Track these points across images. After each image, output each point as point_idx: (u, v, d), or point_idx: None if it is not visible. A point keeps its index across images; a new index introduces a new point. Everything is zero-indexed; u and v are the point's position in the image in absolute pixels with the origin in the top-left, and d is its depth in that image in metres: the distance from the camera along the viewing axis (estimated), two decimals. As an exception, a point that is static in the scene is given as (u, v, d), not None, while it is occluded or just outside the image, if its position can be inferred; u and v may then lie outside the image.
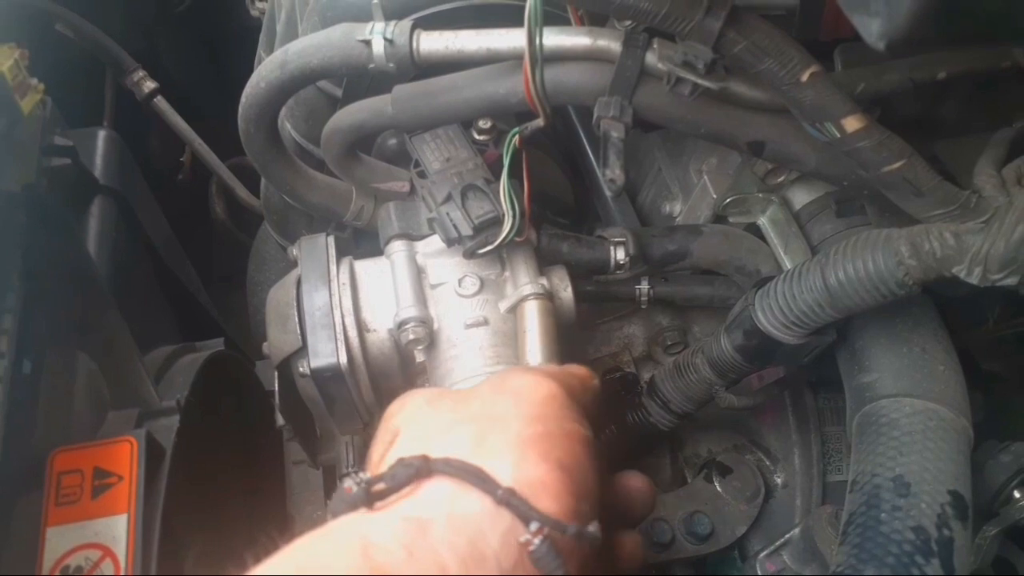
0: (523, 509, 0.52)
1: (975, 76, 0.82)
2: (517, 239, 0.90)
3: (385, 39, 0.84)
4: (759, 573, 1.03)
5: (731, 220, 1.05)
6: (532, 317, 0.89)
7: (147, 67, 1.85)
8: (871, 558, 0.70)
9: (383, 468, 0.56)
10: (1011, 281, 0.71)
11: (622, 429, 1.05)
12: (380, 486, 0.54)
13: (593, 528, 0.55)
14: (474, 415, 0.60)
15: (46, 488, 0.90)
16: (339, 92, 1.10)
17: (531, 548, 0.51)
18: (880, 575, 0.68)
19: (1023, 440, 0.91)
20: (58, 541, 0.87)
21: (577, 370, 0.69)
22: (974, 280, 0.72)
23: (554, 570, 0.51)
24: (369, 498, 0.54)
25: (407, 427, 0.61)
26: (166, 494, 0.91)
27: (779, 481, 1.11)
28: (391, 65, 0.85)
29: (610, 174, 0.78)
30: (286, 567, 0.50)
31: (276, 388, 0.91)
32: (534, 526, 0.52)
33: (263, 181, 1.34)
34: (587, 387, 0.67)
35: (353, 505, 0.54)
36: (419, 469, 0.54)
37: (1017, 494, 0.88)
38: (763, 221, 1.03)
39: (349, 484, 0.55)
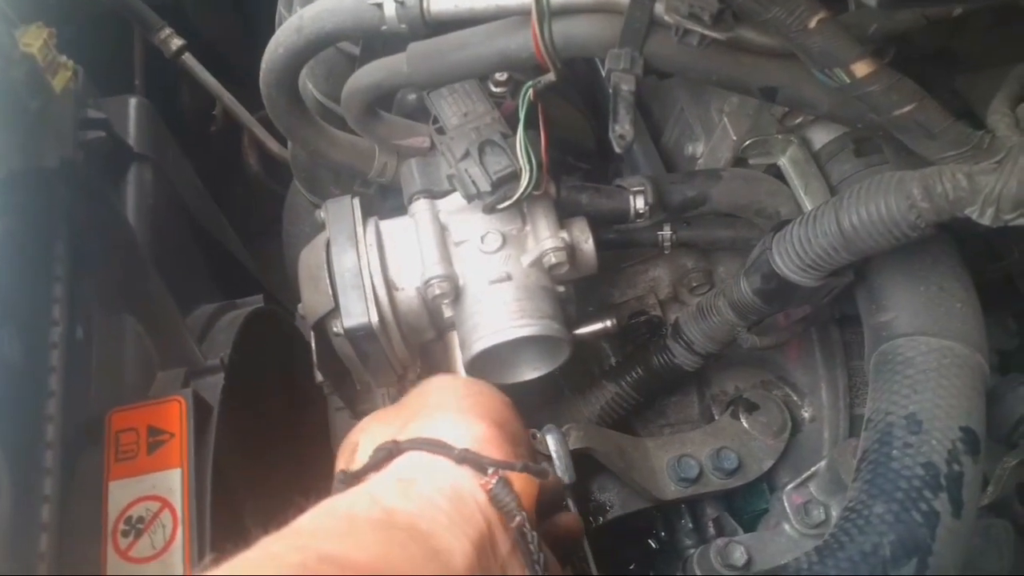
0: (478, 460, 0.64)
1: (991, 10, 0.80)
2: (536, 192, 0.92)
3: (396, 1, 0.84)
4: (785, 504, 1.06)
5: (751, 162, 1.05)
6: None
7: (174, 24, 1.87)
8: (880, 493, 0.73)
9: (336, 483, 0.67)
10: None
11: (648, 371, 1.07)
12: (361, 472, 0.66)
13: (534, 465, 0.67)
14: (416, 410, 0.72)
15: (106, 445, 0.97)
16: (356, 51, 1.11)
17: (489, 487, 0.63)
18: (888, 510, 0.70)
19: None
20: (120, 493, 0.94)
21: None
22: (987, 221, 0.73)
23: (510, 503, 0.63)
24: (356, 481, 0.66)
25: (364, 437, 0.73)
26: (215, 447, 0.97)
27: (806, 415, 1.13)
28: (403, 26, 0.86)
29: (619, 129, 0.79)
30: (311, 519, 0.59)
31: (312, 347, 0.95)
32: (490, 471, 0.64)
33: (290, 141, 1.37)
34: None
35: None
36: (391, 450, 0.66)
37: (1036, 425, 0.90)
38: (783, 162, 1.03)
39: (339, 476, 0.67)
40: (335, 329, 0.93)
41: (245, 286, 1.55)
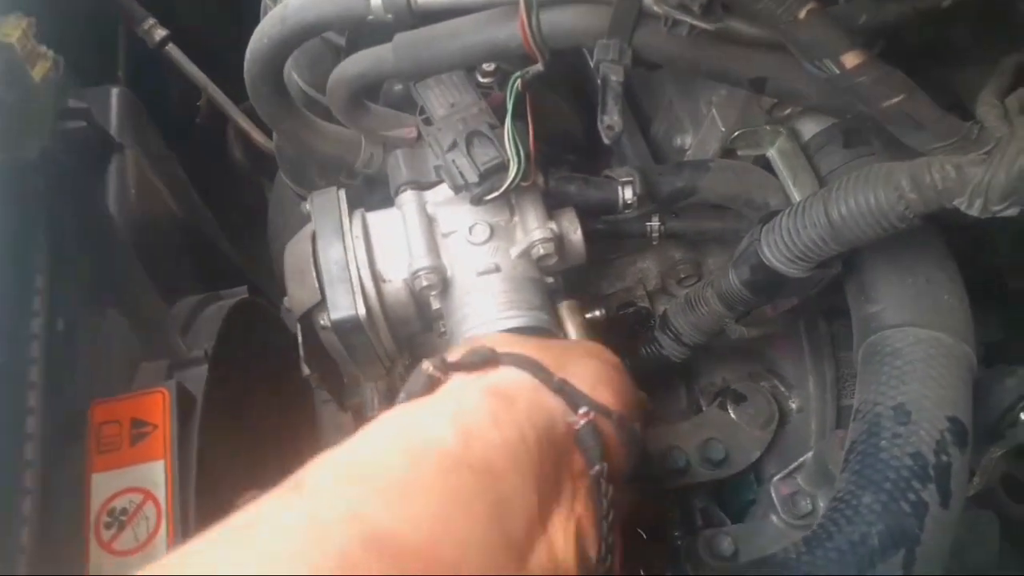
0: (573, 395, 0.61)
1: (981, 2, 0.80)
2: (524, 184, 0.91)
3: (382, -10, 0.84)
4: (773, 495, 1.06)
5: (740, 153, 1.05)
6: None
7: (159, 14, 1.85)
8: (869, 484, 0.73)
9: (427, 368, 0.64)
10: (1012, 212, 0.72)
11: (635, 362, 1.07)
12: (453, 366, 0.63)
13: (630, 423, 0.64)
14: (552, 346, 0.69)
15: (88, 437, 0.96)
16: (342, 41, 1.10)
17: (577, 427, 0.60)
18: (876, 500, 0.70)
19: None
20: (103, 486, 0.94)
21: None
22: (975, 212, 0.72)
23: (593, 449, 0.59)
24: (446, 370, 0.63)
25: (499, 344, 0.68)
26: (199, 439, 0.96)
27: (794, 406, 1.14)
28: (389, 16, 0.85)
29: (608, 120, 0.79)
30: (374, 431, 0.57)
31: (299, 340, 0.95)
32: (582, 410, 0.60)
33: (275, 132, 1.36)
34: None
35: (430, 380, 0.63)
36: (489, 357, 0.63)
37: (1023, 416, 0.90)
38: (772, 153, 1.03)
39: (426, 364, 0.63)
40: (322, 322, 0.92)
41: (229, 278, 1.53)
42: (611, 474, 0.60)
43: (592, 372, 0.67)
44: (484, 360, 0.63)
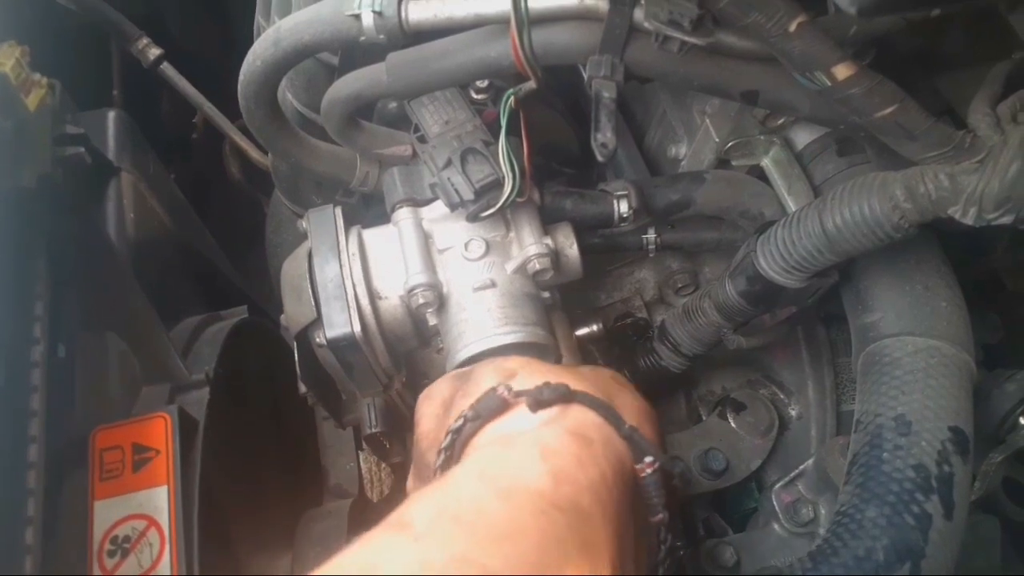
0: (643, 445, 0.63)
1: (971, 10, 0.80)
2: (519, 200, 0.91)
3: (374, 12, 0.84)
4: (774, 504, 1.06)
5: (734, 163, 1.05)
6: None
7: (152, 33, 1.85)
8: (873, 497, 0.73)
9: (502, 392, 0.66)
10: (1006, 220, 0.72)
11: (634, 373, 1.07)
12: (526, 397, 0.64)
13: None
14: (588, 377, 0.70)
15: (90, 464, 0.95)
16: (336, 61, 1.10)
17: (643, 475, 0.62)
18: (880, 513, 0.70)
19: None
20: (106, 513, 0.93)
21: None
22: (969, 220, 0.73)
23: (657, 499, 0.62)
24: (516, 396, 0.65)
25: (526, 369, 0.71)
26: (202, 463, 0.96)
27: (794, 413, 1.14)
28: (381, 37, 0.85)
29: (601, 138, 0.79)
30: (471, 473, 0.59)
31: (296, 358, 0.95)
32: (648, 459, 0.62)
33: (270, 152, 1.36)
34: None
35: (504, 404, 0.65)
36: (564, 395, 0.64)
37: (1023, 421, 0.90)
38: (766, 163, 1.03)
39: (502, 391, 0.65)
40: (318, 340, 0.92)
41: (229, 297, 1.54)
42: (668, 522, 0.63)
43: (632, 407, 0.69)
44: (560, 397, 0.64)
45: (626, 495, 0.61)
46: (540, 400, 0.64)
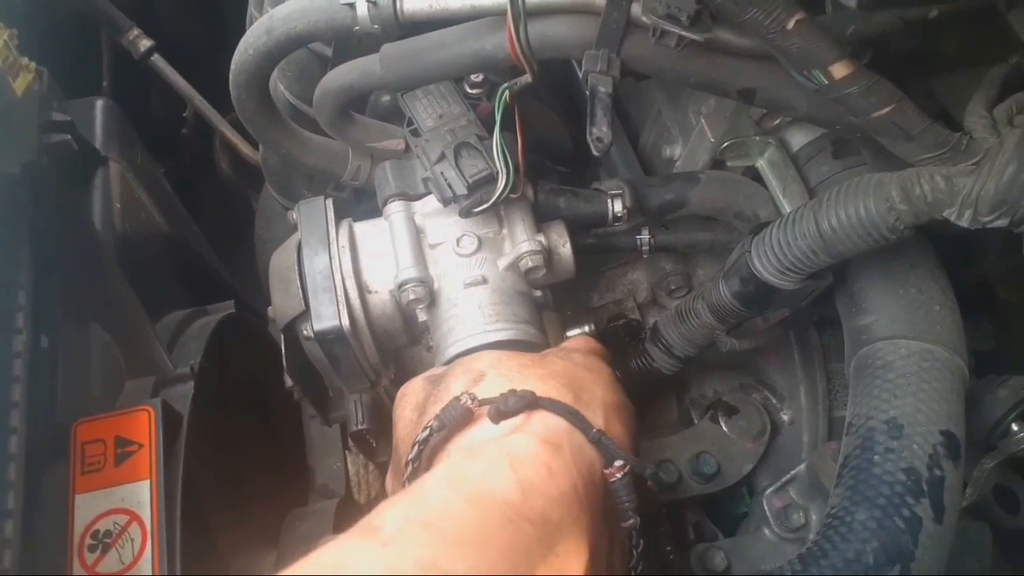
0: (612, 449, 0.63)
1: (968, 12, 0.80)
2: (512, 196, 0.90)
3: (369, 1, 0.83)
4: (765, 508, 1.05)
5: (729, 164, 1.05)
6: None
7: (143, 24, 1.84)
8: (863, 499, 0.72)
9: (466, 401, 0.66)
10: (1002, 222, 0.71)
11: (626, 375, 1.06)
12: (490, 408, 0.64)
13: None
14: (558, 373, 0.70)
15: (72, 457, 0.94)
16: (329, 52, 1.09)
17: (613, 480, 0.62)
18: (871, 516, 0.70)
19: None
20: (87, 507, 0.92)
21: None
22: (965, 223, 0.72)
23: (628, 503, 0.62)
24: (479, 405, 0.65)
25: (495, 372, 0.71)
26: (185, 458, 0.95)
27: (786, 418, 1.13)
28: (376, 27, 0.84)
29: (597, 132, 0.78)
30: (440, 480, 0.59)
31: (283, 351, 0.93)
32: (618, 463, 0.63)
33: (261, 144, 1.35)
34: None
35: (467, 413, 0.65)
36: (530, 402, 0.64)
37: (1015, 427, 0.89)
38: (761, 164, 1.03)
39: (465, 400, 0.66)
40: (305, 333, 0.91)
41: (216, 291, 1.52)
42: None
43: (602, 402, 0.69)
44: (525, 405, 0.64)
45: (599, 502, 0.61)
46: (503, 411, 0.64)
